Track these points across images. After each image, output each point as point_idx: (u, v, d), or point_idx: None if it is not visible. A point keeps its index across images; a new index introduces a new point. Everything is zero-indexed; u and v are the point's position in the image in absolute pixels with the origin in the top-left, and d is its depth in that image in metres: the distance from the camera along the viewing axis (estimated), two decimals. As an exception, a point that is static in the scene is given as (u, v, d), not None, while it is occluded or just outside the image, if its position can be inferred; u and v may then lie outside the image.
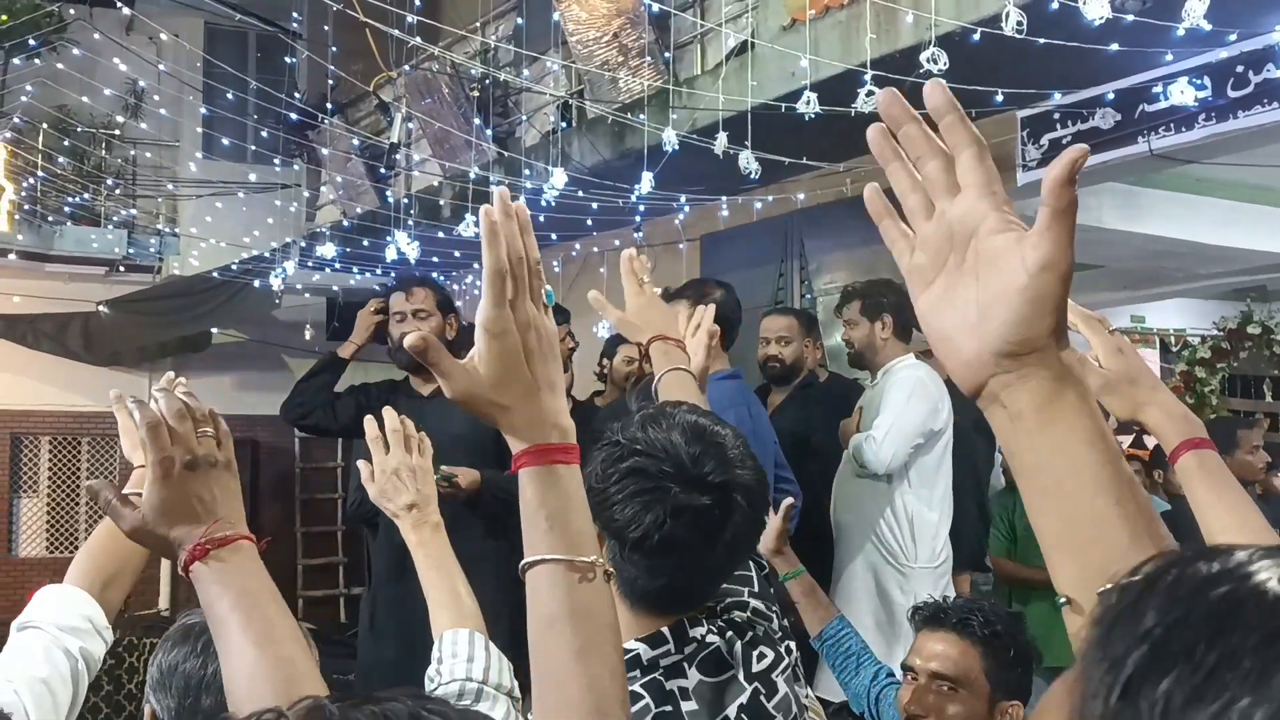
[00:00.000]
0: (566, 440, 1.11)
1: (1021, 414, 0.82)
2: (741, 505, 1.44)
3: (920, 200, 0.88)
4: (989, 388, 0.84)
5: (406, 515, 1.94)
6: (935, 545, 4.10)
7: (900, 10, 4.67)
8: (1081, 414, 0.81)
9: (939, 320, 0.87)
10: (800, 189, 6.52)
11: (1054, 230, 0.80)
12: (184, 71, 9.82)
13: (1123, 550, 0.76)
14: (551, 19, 6.75)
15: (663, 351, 2.07)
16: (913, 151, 0.88)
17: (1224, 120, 4.96)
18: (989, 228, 0.83)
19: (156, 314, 10.69)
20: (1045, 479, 0.81)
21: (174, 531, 1.27)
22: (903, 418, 4.02)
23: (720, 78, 5.71)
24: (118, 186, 11.13)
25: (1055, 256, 0.80)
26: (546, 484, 1.08)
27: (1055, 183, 0.80)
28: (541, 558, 1.07)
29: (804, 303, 6.91)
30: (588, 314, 8.32)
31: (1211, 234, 7.25)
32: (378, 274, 10.15)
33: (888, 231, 0.92)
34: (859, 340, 4.32)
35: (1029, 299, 0.80)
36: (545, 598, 1.07)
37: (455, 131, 7.35)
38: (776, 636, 1.56)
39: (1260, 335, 9.65)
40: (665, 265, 8.06)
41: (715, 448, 1.45)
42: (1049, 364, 0.82)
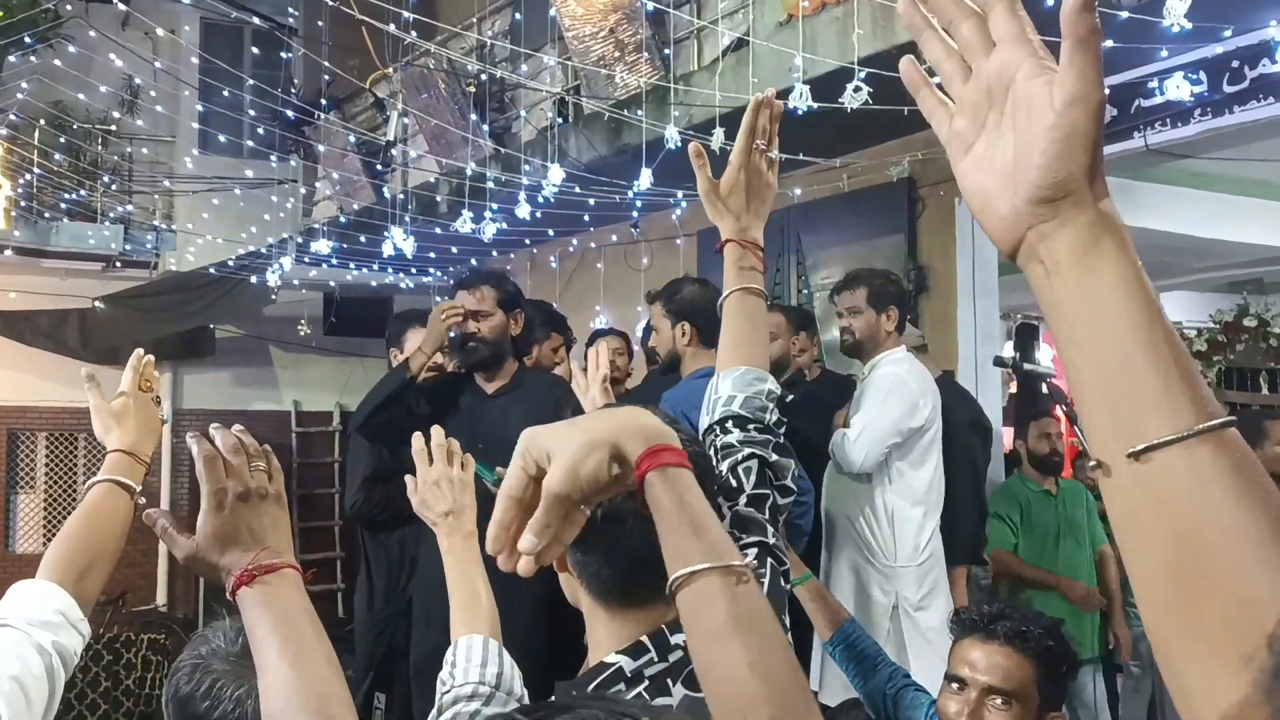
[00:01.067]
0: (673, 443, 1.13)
1: (1059, 264, 0.78)
2: None
3: (956, 65, 0.86)
4: (1027, 241, 0.80)
5: (443, 522, 2.06)
6: (918, 543, 4.04)
7: (895, 7, 4.67)
8: (1121, 262, 0.78)
9: (977, 180, 0.83)
10: (796, 184, 6.53)
11: (1077, 62, 0.76)
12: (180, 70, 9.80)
13: (1155, 405, 0.73)
14: (548, 14, 6.74)
15: (738, 258, 1.83)
16: (944, 17, 0.86)
17: (1220, 115, 4.97)
18: (1024, 74, 0.80)
19: (153, 310, 10.69)
20: (1082, 331, 0.78)
21: (224, 559, 1.36)
22: (878, 417, 3.98)
23: (717, 73, 5.71)
24: (114, 182, 11.12)
25: (1081, 89, 0.76)
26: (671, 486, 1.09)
27: (1072, 9, 0.76)
28: (695, 568, 1.05)
29: (801, 298, 6.91)
30: (586, 309, 8.35)
31: (1208, 228, 7.25)
32: (374, 269, 10.15)
33: (925, 101, 0.89)
34: (861, 329, 4.21)
35: (1058, 137, 0.77)
36: (707, 608, 1.05)
37: (451, 128, 7.34)
38: None
39: (1256, 328, 9.68)
40: (662, 260, 8.07)
41: None
42: (1085, 208, 0.78)
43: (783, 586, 1.59)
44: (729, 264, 1.81)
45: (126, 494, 1.97)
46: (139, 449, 2.08)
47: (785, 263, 7.05)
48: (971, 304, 6.02)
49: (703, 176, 1.78)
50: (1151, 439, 0.73)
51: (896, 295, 4.24)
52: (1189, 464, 0.72)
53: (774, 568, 1.59)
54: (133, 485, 1.98)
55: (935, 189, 6.17)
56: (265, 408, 11.86)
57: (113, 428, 2.11)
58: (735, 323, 1.80)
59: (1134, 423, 0.74)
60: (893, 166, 6.21)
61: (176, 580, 11.33)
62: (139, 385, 2.21)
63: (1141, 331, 0.76)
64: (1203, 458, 0.72)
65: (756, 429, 1.69)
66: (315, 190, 10.19)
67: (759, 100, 1.76)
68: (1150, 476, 0.73)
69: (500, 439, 4.15)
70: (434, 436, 2.12)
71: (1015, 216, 0.80)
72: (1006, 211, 0.81)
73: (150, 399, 2.22)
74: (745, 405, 1.70)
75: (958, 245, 6.08)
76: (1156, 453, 0.72)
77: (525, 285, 9.33)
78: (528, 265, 9.50)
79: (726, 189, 1.79)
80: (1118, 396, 0.75)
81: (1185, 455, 0.72)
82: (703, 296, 3.97)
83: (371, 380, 9.63)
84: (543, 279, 9.26)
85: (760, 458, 1.66)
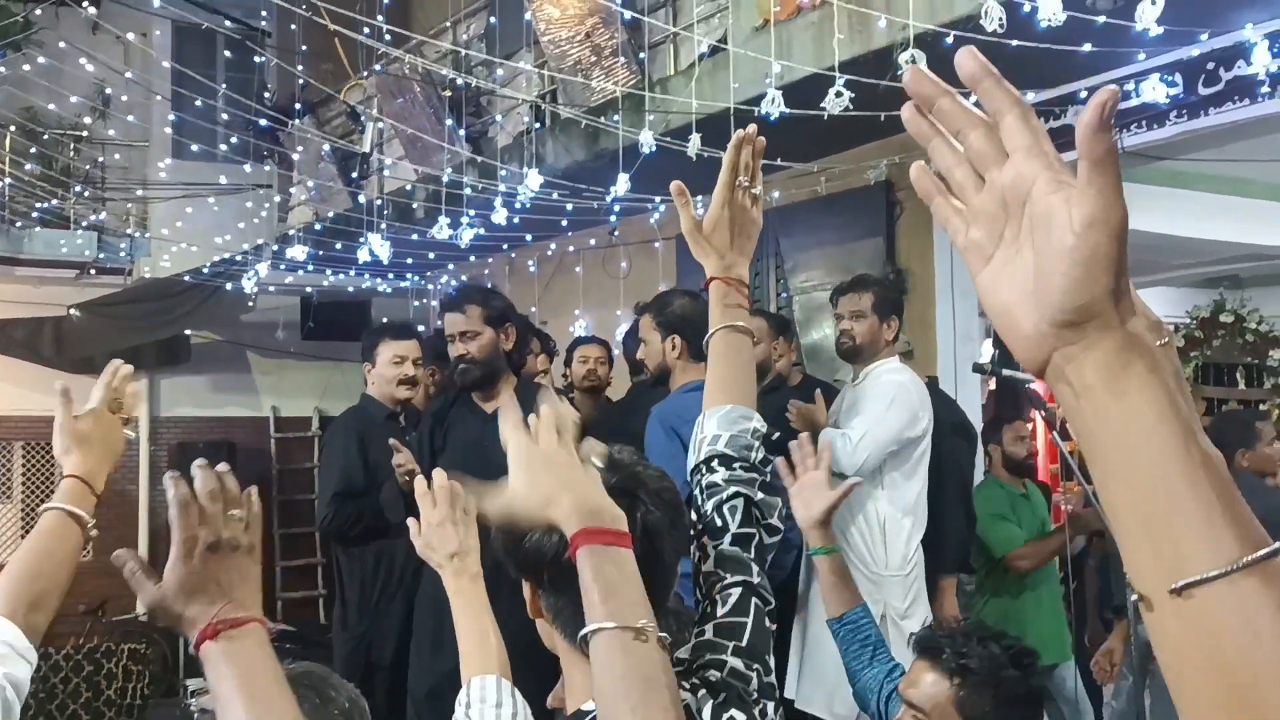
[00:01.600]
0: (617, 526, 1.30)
1: (1089, 388, 0.75)
2: (644, 500, 1.42)
3: (968, 173, 0.82)
4: (1053, 363, 0.77)
5: (449, 564, 2.06)
6: (907, 551, 4.03)
7: (872, 14, 4.66)
8: (1152, 386, 0.74)
9: (998, 295, 0.80)
10: (775, 188, 6.51)
11: (1095, 182, 0.73)
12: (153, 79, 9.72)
13: (1197, 539, 0.70)
14: (524, 18, 6.71)
15: (722, 295, 1.80)
16: (951, 126, 0.83)
17: (1196, 117, 4.99)
18: (1040, 189, 0.77)
19: (129, 317, 10.60)
20: (1115, 459, 0.74)
21: (189, 610, 1.33)
22: (881, 423, 3.96)
23: (693, 79, 5.69)
24: (87, 190, 11.03)
25: (1101, 210, 0.73)
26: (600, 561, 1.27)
27: (1088, 130, 0.74)
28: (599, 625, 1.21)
29: (780, 301, 6.90)
30: (565, 314, 8.32)
31: (1185, 226, 7.27)
32: (351, 275, 10.10)
33: (940, 210, 0.85)
34: (863, 334, 4.19)
35: (1079, 259, 0.74)
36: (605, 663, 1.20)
37: (428, 136, 7.30)
38: (752, 698, 1.50)
39: (1233, 324, 9.74)
40: (641, 265, 8.04)
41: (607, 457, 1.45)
42: (1111, 331, 0.75)
43: (767, 626, 1.57)
44: (714, 302, 1.79)
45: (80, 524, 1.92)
46: (94, 478, 2.01)
47: (764, 266, 7.04)
48: (950, 306, 6.01)
49: (686, 215, 1.76)
50: (1194, 575, 0.70)
51: (898, 305, 4.25)
52: (1235, 598, 0.69)
53: (758, 607, 1.56)
54: (85, 517, 1.93)
55: (912, 192, 6.09)
56: (243, 414, 11.79)
57: (72, 449, 2.02)
58: (721, 360, 1.79)
59: (1176, 557, 0.71)
60: (870, 170, 6.21)
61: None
62: (111, 407, 2.13)
63: (1177, 460, 0.72)
64: (1248, 591, 0.69)
65: (742, 467, 1.67)
66: (290, 196, 10.13)
67: (740, 137, 1.73)
68: (1195, 612, 0.70)
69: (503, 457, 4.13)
70: (436, 479, 2.10)
71: (1039, 337, 0.77)
72: (1030, 331, 0.78)
73: (119, 420, 2.14)
74: (731, 444, 1.68)
75: (935, 248, 6.08)
76: (1200, 588, 0.70)
77: (504, 290, 9.30)
78: (506, 270, 9.46)
79: (710, 227, 1.77)
80: (1157, 530, 0.72)
81: (1230, 589, 0.69)
82: (692, 310, 3.97)
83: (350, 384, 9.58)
84: (521, 284, 9.23)
85: (746, 496, 1.64)
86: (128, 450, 2.06)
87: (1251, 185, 7.29)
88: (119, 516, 11.20)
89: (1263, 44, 4.36)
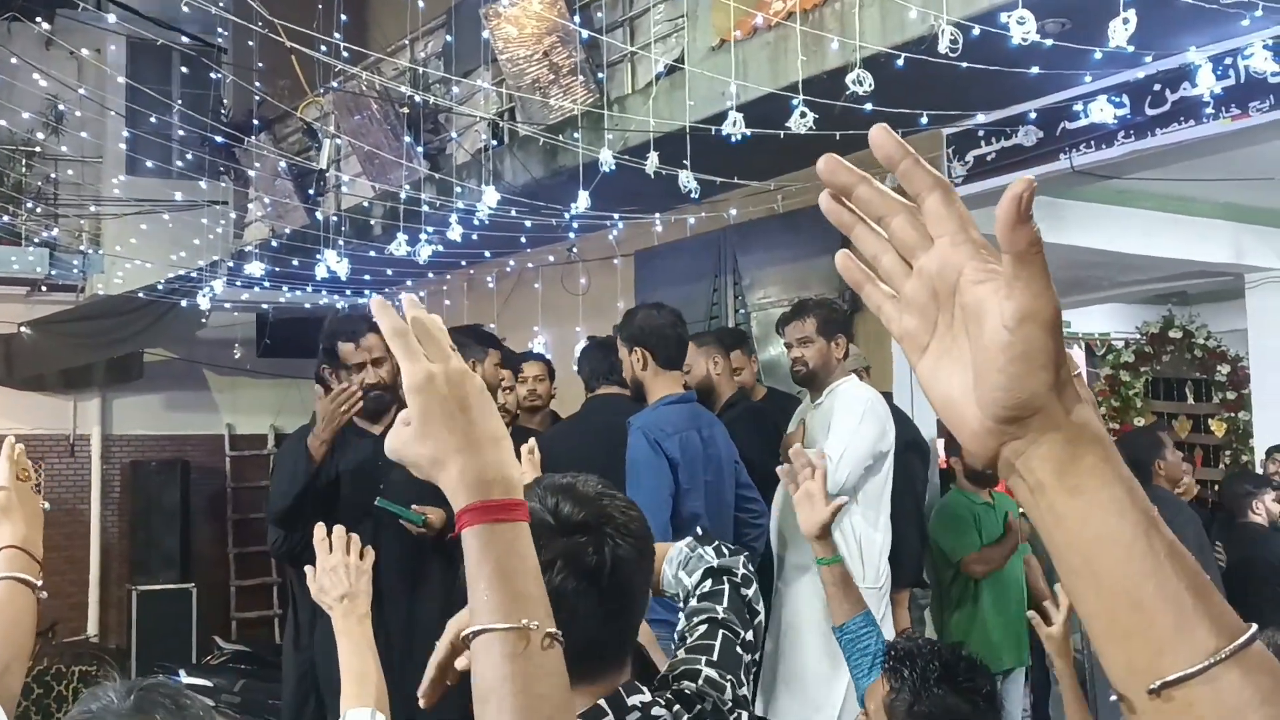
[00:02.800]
0: (510, 496, 1.05)
1: (1041, 485, 0.72)
2: (612, 536, 1.45)
3: (894, 260, 0.79)
4: (1002, 457, 0.74)
5: (339, 606, 2.21)
6: (880, 566, 4.10)
7: (826, 35, 4.73)
8: (1105, 477, 0.71)
9: (939, 387, 0.77)
10: (732, 205, 6.57)
11: (1023, 276, 0.70)
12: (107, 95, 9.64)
13: (1168, 638, 0.68)
14: (481, 36, 6.73)
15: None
16: (871, 213, 0.80)
17: (1143, 137, 5.09)
18: (968, 278, 0.74)
19: (81, 335, 10.48)
20: (1075, 558, 0.72)
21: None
22: (856, 440, 4.00)
23: (651, 97, 5.74)
24: (39, 206, 10.91)
25: (1032, 304, 0.70)
26: (485, 544, 1.03)
27: (1006, 225, 0.71)
28: (482, 627, 1.02)
29: (738, 318, 6.95)
30: (524, 330, 8.32)
31: (1133, 243, 7.40)
32: (308, 291, 10.05)
33: (870, 297, 0.82)
34: (814, 359, 4.24)
35: (1015, 355, 0.71)
36: (481, 669, 1.02)
37: (385, 153, 7.30)
38: (727, 708, 1.54)
39: (1181, 339, 9.88)
40: (600, 281, 8.07)
41: (569, 490, 1.47)
42: (1055, 425, 0.72)
43: (738, 652, 1.64)
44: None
45: (30, 589, 1.99)
46: (31, 545, 2.11)
47: (722, 283, 7.09)
48: (905, 322, 6.07)
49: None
50: (1170, 674, 0.67)
51: (842, 322, 4.30)
52: (1216, 694, 0.67)
53: (726, 637, 1.64)
54: (35, 582, 2.02)
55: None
56: (199, 431, 11.68)
57: (2, 523, 2.10)
58: None
59: (1149, 658, 0.69)
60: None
61: (109, 610, 11.10)
62: (20, 476, 2.19)
63: (1140, 557, 0.70)
64: (1229, 685, 0.67)
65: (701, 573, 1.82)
66: (246, 212, 10.08)
67: None
68: (1175, 711, 0.68)
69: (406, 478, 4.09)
70: (336, 531, 2.29)
71: (985, 433, 0.74)
72: (976, 426, 0.75)
73: (30, 488, 2.22)
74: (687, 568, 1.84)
75: (891, 265, 6.14)
76: (1178, 688, 0.67)
77: (462, 307, 9.30)
78: (464, 286, 9.46)
79: None
80: (1128, 630, 0.70)
81: (1209, 685, 0.67)
82: (654, 319, 4.03)
83: (307, 402, 9.51)
84: (480, 300, 9.22)
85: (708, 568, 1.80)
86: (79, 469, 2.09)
87: (1197, 204, 7.43)
88: (70, 535, 11.06)
89: (1206, 66, 4.47)
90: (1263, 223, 7.96)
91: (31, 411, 10.88)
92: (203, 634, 10.18)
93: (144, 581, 10.56)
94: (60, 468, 11.10)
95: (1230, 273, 8.34)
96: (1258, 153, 5.67)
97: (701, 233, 6.99)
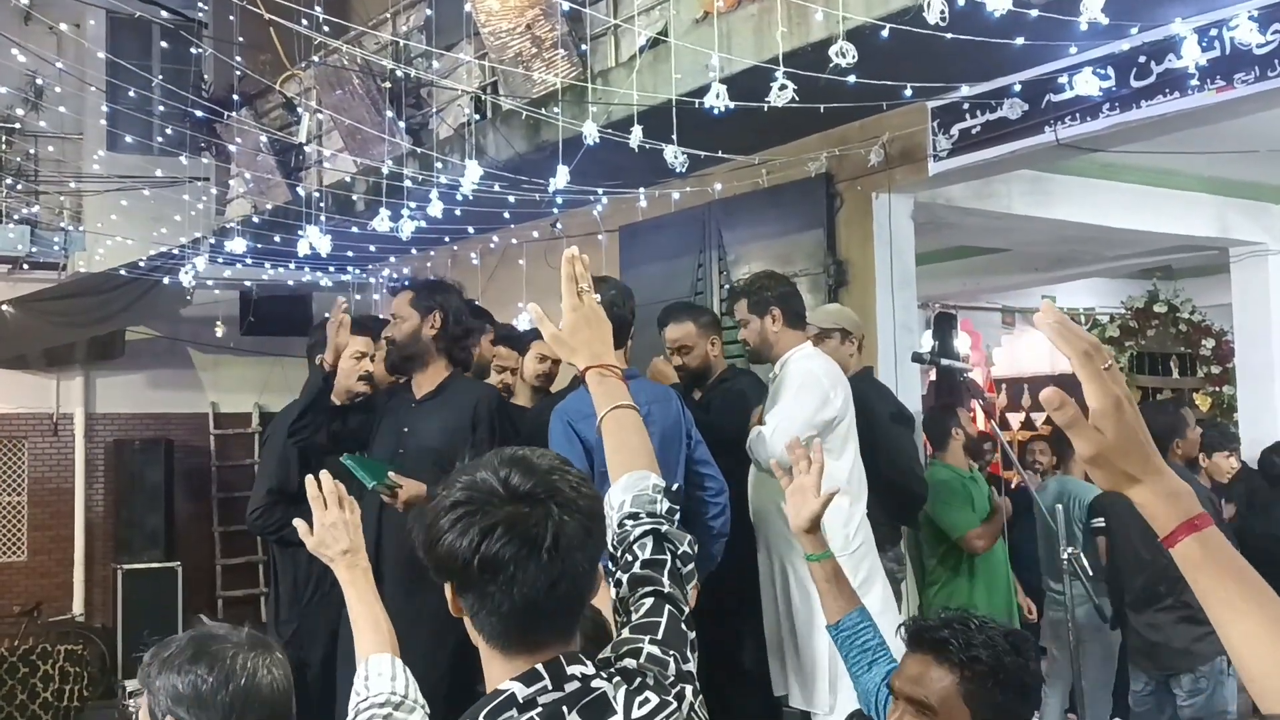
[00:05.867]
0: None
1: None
2: (555, 510, 1.46)
3: None
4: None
5: (342, 559, 2.30)
6: (848, 531, 4.07)
7: (811, 6, 4.69)
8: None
9: None
10: (716, 180, 6.54)
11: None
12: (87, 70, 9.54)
13: None
14: (463, 9, 6.67)
15: (600, 382, 1.99)
16: None
17: (1128, 110, 5.07)
18: None
19: (63, 313, 10.41)
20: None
21: None
22: (791, 411, 4.03)
23: (635, 70, 5.70)
24: (18, 182, 10.82)
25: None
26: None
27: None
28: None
29: (723, 293, 6.93)
30: (509, 305, 8.29)
31: (1118, 217, 7.39)
32: (290, 268, 9.99)
33: None
34: (753, 337, 4.36)
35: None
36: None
37: (367, 128, 7.24)
38: (668, 681, 1.54)
39: (1166, 314, 9.92)
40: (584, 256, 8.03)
41: (522, 462, 1.51)
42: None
43: (684, 630, 1.65)
44: (594, 389, 2.00)
45: None
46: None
47: (707, 258, 7.06)
48: (890, 296, 6.07)
49: (548, 329, 2.05)
50: None
51: (777, 295, 4.31)
52: None
53: (672, 613, 1.65)
54: None
55: (853, 184, 6.22)
56: (182, 410, 11.63)
57: None
58: (614, 436, 1.95)
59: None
60: (811, 162, 6.25)
61: (94, 589, 11.07)
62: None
63: None
64: None
65: (649, 515, 1.78)
66: (228, 189, 10.00)
67: (568, 257, 2.04)
68: None
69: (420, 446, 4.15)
70: (324, 483, 2.35)
71: None
72: None
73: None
74: (635, 503, 1.80)
75: (875, 238, 6.13)
76: None
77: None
78: (448, 263, 9.41)
79: (570, 330, 2.03)
80: None
81: None
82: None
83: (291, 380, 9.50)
84: (464, 276, 9.14)
85: (654, 530, 1.75)
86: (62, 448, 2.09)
87: (1182, 177, 7.42)
88: (55, 515, 11.02)
89: (1192, 38, 4.44)
90: (1247, 196, 7.96)
91: (14, 390, 10.82)
92: (188, 612, 10.17)
93: (129, 560, 10.54)
94: (44, 447, 11.05)
95: (1215, 247, 8.34)
96: (1243, 125, 5.65)
97: (686, 208, 6.96)
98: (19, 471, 11.07)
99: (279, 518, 4.35)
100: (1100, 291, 11.61)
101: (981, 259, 10.06)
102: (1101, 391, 1.21)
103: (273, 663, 2.06)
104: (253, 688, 2.00)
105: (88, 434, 11.13)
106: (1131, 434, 1.26)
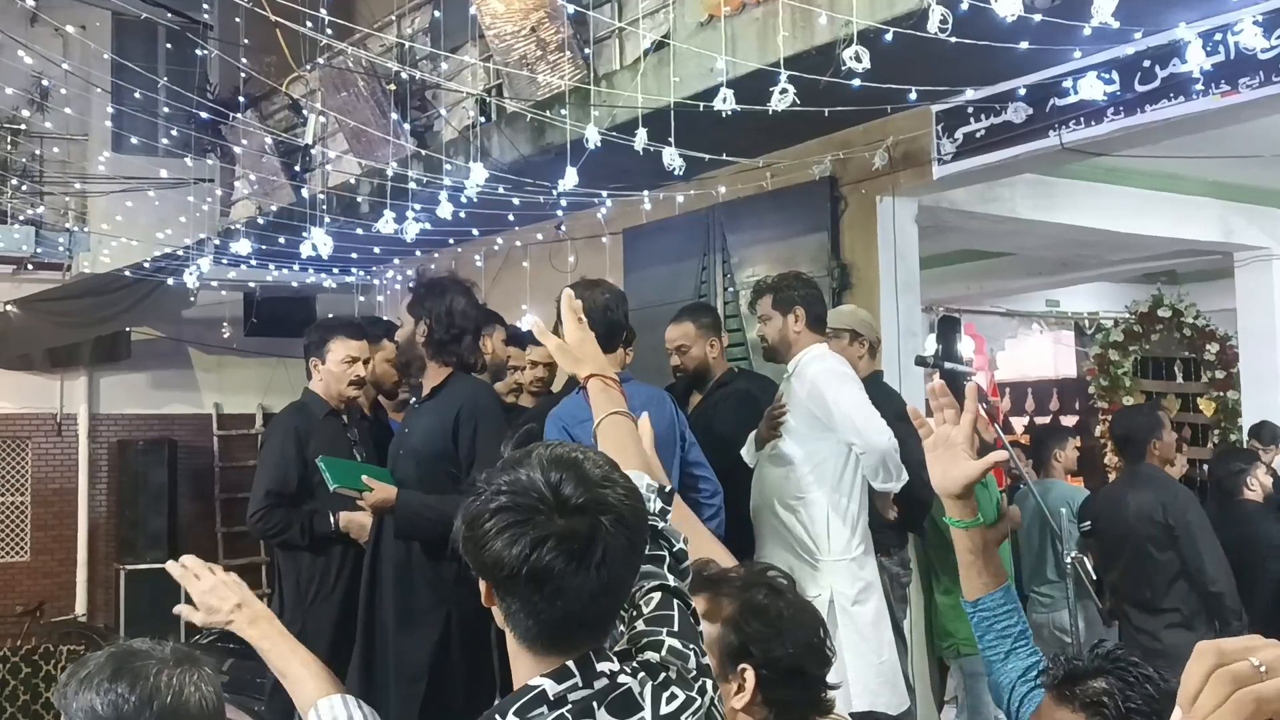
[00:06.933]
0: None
1: None
2: (606, 525, 1.45)
3: None
4: None
5: (239, 614, 2.18)
6: (852, 536, 4.07)
7: (815, 10, 4.70)
8: None
9: None
10: (720, 183, 6.54)
11: None
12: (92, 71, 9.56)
13: None
14: (468, 12, 6.68)
15: (601, 390, 2.18)
16: None
17: (1132, 114, 5.07)
18: None
19: (67, 314, 10.43)
20: None
21: None
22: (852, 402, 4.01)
23: (639, 73, 5.70)
24: (24, 183, 10.84)
25: None
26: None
27: None
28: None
29: (727, 295, 6.93)
30: (513, 308, 8.29)
31: (1122, 222, 7.39)
32: (295, 270, 10.00)
33: None
34: (773, 334, 4.33)
35: None
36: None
37: (373, 130, 7.25)
38: (691, 675, 1.56)
39: (1170, 318, 9.88)
40: (588, 259, 8.04)
41: (574, 470, 1.48)
42: None
43: (692, 623, 1.66)
44: (595, 396, 2.19)
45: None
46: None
47: (710, 261, 7.06)
48: (894, 300, 6.08)
49: (551, 341, 2.30)
50: None
51: (802, 295, 4.30)
52: None
53: (681, 607, 1.66)
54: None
55: (856, 187, 6.22)
56: (185, 411, 11.65)
57: None
58: (611, 439, 2.08)
59: None
60: (815, 165, 6.25)
61: (97, 589, 11.09)
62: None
63: None
64: None
65: None
66: (233, 190, 10.01)
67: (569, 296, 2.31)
68: None
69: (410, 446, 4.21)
70: (185, 561, 2.26)
71: None
72: None
73: None
74: None
75: (879, 242, 6.13)
76: None
77: (450, 285, 9.24)
78: (452, 265, 9.41)
79: (576, 344, 2.26)
80: None
81: None
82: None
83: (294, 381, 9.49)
84: (468, 278, 9.16)
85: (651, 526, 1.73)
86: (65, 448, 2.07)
87: (1186, 182, 7.42)
88: (58, 515, 11.03)
89: (1196, 43, 4.44)
90: (1252, 201, 7.96)
91: (18, 391, 10.84)
92: (190, 613, 10.16)
93: (132, 561, 10.55)
94: (47, 447, 11.07)
95: (1219, 251, 8.34)
96: (1247, 130, 5.65)
97: (690, 210, 6.96)
98: (22, 471, 11.08)
99: (279, 520, 4.37)
100: (1104, 295, 11.60)
101: (985, 263, 10.06)
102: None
103: (201, 679, 1.88)
104: (179, 707, 1.82)
105: (91, 434, 11.15)
106: None
